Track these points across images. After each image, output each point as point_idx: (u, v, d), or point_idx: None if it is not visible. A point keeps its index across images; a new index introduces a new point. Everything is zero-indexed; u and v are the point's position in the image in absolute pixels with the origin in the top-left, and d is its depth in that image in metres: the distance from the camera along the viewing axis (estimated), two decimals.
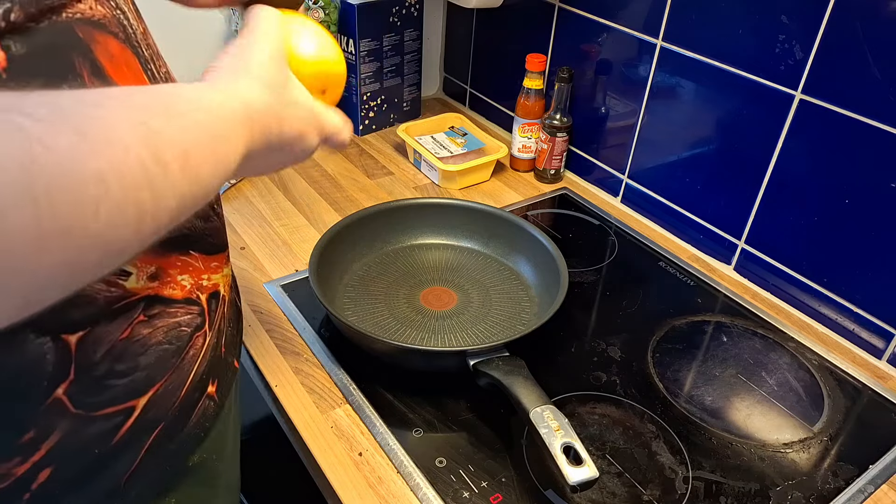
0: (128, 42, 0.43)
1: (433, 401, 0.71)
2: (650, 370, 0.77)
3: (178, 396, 0.48)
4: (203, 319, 0.49)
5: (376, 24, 1.15)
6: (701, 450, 0.68)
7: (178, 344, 0.47)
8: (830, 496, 0.64)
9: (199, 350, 0.49)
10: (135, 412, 0.44)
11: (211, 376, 0.52)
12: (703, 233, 0.96)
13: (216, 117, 0.36)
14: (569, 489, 0.57)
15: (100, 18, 0.40)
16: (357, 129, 1.23)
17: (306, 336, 0.78)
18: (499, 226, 0.90)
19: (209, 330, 0.50)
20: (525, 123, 1.11)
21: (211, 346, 0.51)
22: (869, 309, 0.80)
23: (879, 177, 0.74)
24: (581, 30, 1.05)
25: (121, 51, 0.42)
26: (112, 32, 0.41)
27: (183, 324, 0.47)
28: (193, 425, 0.50)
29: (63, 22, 0.38)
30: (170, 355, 0.46)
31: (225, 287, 0.54)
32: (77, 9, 0.39)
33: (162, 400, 0.46)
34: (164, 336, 0.45)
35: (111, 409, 0.42)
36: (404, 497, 0.62)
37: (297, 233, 0.96)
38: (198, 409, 0.50)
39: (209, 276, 0.51)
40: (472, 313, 0.82)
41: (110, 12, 0.41)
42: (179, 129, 0.32)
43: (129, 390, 0.43)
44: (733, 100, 0.86)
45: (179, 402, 0.48)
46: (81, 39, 0.39)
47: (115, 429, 0.43)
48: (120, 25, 0.42)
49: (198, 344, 0.49)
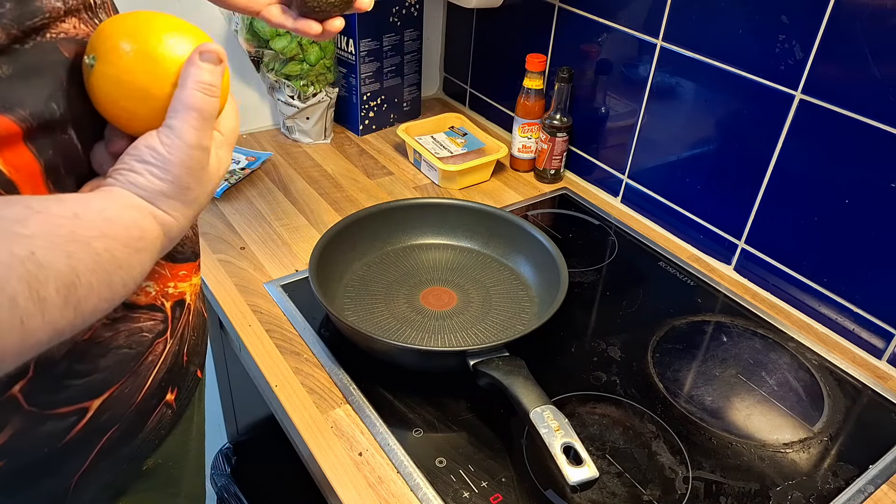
0: None
1: (433, 401, 0.71)
2: (650, 370, 0.77)
3: (135, 401, 0.48)
4: (165, 326, 0.49)
5: (376, 24, 1.15)
6: (701, 450, 0.68)
7: (139, 349, 0.47)
8: (830, 496, 0.64)
9: (158, 356, 0.49)
10: (88, 413, 0.44)
11: (171, 384, 0.52)
12: (703, 233, 0.96)
13: (122, 245, 0.35)
14: (569, 489, 0.57)
15: (83, 37, 0.41)
16: (357, 129, 1.23)
17: (306, 336, 0.78)
18: (499, 226, 0.90)
19: (171, 337, 0.50)
20: (525, 123, 1.11)
21: (172, 354, 0.51)
22: (869, 309, 0.80)
23: (879, 177, 0.74)
24: (581, 30, 1.05)
25: None
26: None
27: (145, 329, 0.47)
28: (149, 431, 0.50)
29: (48, 42, 0.38)
30: (129, 359, 0.46)
31: (192, 296, 0.54)
32: (61, 28, 0.39)
33: (117, 403, 0.46)
34: (125, 340, 0.46)
35: (65, 408, 0.42)
36: (404, 497, 0.62)
37: (297, 233, 0.96)
38: (155, 414, 0.51)
39: (176, 284, 0.51)
40: (472, 313, 0.82)
41: (91, 30, 0.42)
42: (69, 261, 0.32)
43: (85, 391, 0.43)
44: (733, 100, 0.86)
45: (136, 406, 0.48)
46: (67, 58, 0.39)
47: (67, 428, 0.43)
48: None
49: (158, 350, 0.49)
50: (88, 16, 0.42)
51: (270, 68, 1.11)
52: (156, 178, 0.39)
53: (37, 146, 0.38)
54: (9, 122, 0.36)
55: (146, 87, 0.40)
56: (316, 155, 1.16)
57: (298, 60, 1.09)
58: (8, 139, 0.36)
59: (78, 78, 0.40)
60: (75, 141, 0.41)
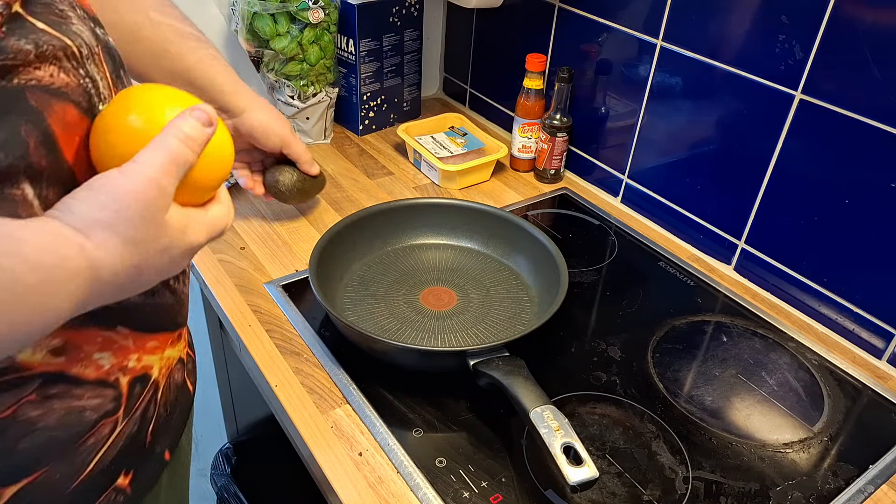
0: (90, 112, 0.41)
1: (433, 401, 0.71)
2: (650, 370, 0.77)
3: (68, 487, 0.43)
4: (118, 405, 0.45)
5: (376, 24, 1.15)
6: (701, 450, 0.68)
7: (77, 429, 0.43)
8: (830, 496, 0.64)
9: (104, 438, 0.44)
10: None
11: (124, 466, 0.47)
12: (703, 233, 0.96)
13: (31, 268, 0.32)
14: (569, 489, 0.57)
15: (61, 87, 0.38)
16: (357, 129, 1.23)
17: (306, 336, 0.78)
18: (499, 226, 0.90)
19: (124, 417, 0.46)
20: (525, 123, 1.11)
21: (126, 435, 0.46)
22: (869, 309, 0.80)
23: (879, 177, 0.74)
24: (581, 30, 1.05)
25: (79, 120, 0.40)
26: (74, 101, 0.39)
27: (88, 408, 0.43)
28: None
29: (13, 87, 0.36)
30: (60, 442, 0.42)
31: (161, 370, 0.50)
32: (33, 75, 0.37)
33: (41, 490, 0.41)
34: (59, 420, 0.41)
35: None
36: (404, 497, 0.62)
37: (297, 233, 0.96)
38: (100, 500, 0.46)
39: (140, 356, 0.46)
40: (472, 313, 0.82)
41: (76, 80, 0.39)
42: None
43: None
44: (733, 100, 0.86)
45: (70, 492, 0.43)
46: (33, 107, 0.37)
47: None
48: (85, 94, 0.40)
49: (104, 431, 0.44)
50: (72, 65, 0.39)
51: (270, 68, 1.11)
52: (95, 206, 0.36)
53: None
54: None
55: None
56: (316, 155, 1.16)
57: (298, 60, 1.09)
58: None
59: (46, 131, 0.37)
60: (30, 198, 0.37)
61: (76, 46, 0.40)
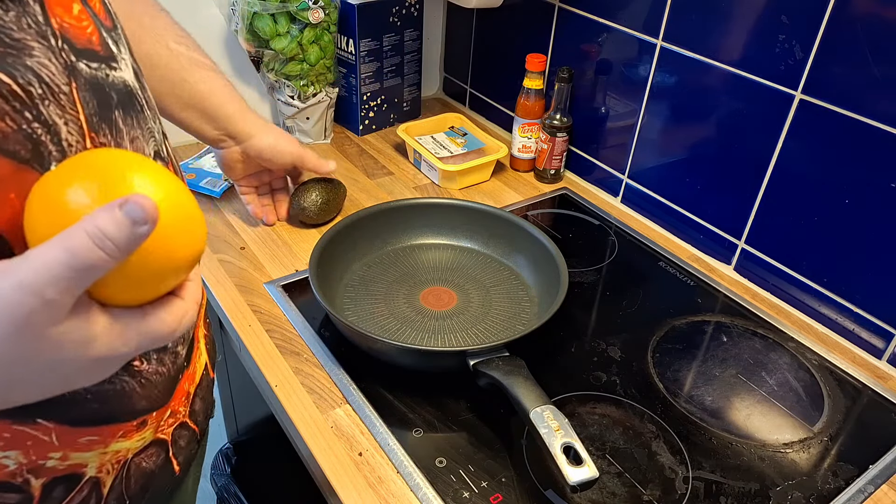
0: (36, 162, 0.34)
1: (433, 401, 0.71)
2: (650, 370, 0.77)
3: None
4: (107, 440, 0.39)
5: (376, 24, 1.15)
6: (701, 450, 0.68)
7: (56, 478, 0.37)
8: (830, 496, 0.64)
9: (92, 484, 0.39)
10: None
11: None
12: (703, 233, 0.96)
13: None
14: (569, 489, 0.57)
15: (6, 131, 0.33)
16: (357, 129, 1.23)
17: (306, 336, 0.78)
18: (499, 226, 0.90)
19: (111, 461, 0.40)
20: (525, 123, 1.11)
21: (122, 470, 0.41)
22: (869, 309, 0.80)
23: (879, 177, 0.74)
24: (581, 30, 1.05)
25: (11, 173, 0.33)
26: (8, 150, 0.33)
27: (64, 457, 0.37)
28: None
29: None
30: None
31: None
32: None
33: None
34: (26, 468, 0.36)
35: None
36: (404, 497, 0.62)
37: (297, 233, 0.96)
38: None
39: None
40: (472, 313, 0.82)
41: (14, 125, 0.33)
42: None
43: None
44: (733, 100, 0.87)
45: None
46: None
47: None
48: (28, 141, 0.34)
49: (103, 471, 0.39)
50: (12, 108, 0.33)
51: (270, 68, 1.11)
52: None
53: None
54: None
55: None
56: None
57: (298, 60, 1.09)
58: None
59: None
60: None
61: (21, 85, 0.33)
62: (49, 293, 0.29)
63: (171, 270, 0.33)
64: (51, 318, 0.30)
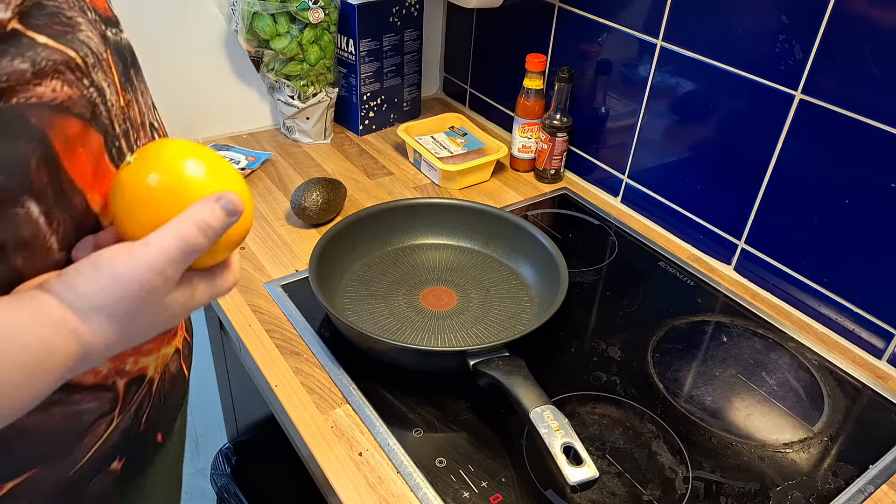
0: (94, 121, 0.40)
1: (433, 401, 0.71)
2: (650, 370, 0.77)
3: (62, 480, 0.44)
4: (114, 406, 0.46)
5: (376, 24, 1.15)
6: (701, 450, 0.68)
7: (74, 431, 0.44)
8: (830, 496, 0.64)
9: (99, 436, 0.46)
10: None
11: (117, 454, 0.49)
12: (703, 233, 0.96)
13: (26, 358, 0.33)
14: (569, 489, 0.57)
15: (63, 101, 0.38)
16: (357, 129, 1.23)
17: (306, 336, 0.78)
18: (499, 226, 0.90)
19: (119, 415, 0.47)
20: (525, 123, 1.11)
21: (120, 430, 0.48)
22: (869, 309, 0.80)
23: (879, 177, 0.74)
24: (581, 30, 1.05)
25: (81, 132, 0.39)
26: (76, 114, 0.39)
27: (86, 411, 0.44)
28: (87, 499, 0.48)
29: (12, 107, 0.35)
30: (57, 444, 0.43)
31: (157, 368, 0.51)
32: (33, 92, 0.36)
33: (35, 485, 0.43)
34: (56, 425, 0.42)
35: None
36: (404, 497, 0.62)
37: (297, 233, 0.96)
38: (93, 483, 0.47)
39: (137, 359, 0.48)
40: (472, 313, 0.82)
41: (79, 92, 0.39)
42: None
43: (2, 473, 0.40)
44: (733, 100, 0.86)
45: (63, 484, 0.45)
46: (34, 125, 0.36)
47: None
48: (89, 104, 0.40)
49: (99, 430, 0.45)
50: (76, 77, 0.38)
51: (270, 68, 1.11)
52: (97, 288, 0.36)
53: None
54: None
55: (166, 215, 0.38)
56: (316, 155, 1.16)
57: (298, 60, 1.09)
58: None
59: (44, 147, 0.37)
60: (35, 215, 0.37)
61: (81, 57, 0.39)
62: (168, 272, 0.37)
63: (234, 243, 0.42)
64: (167, 289, 0.38)
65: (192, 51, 1.11)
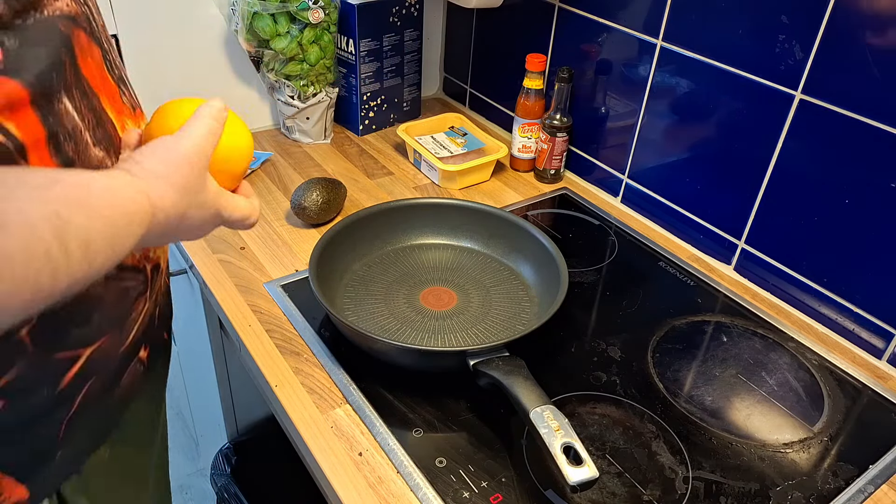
0: (93, 35, 0.47)
1: (433, 401, 0.71)
2: (650, 370, 0.77)
3: (117, 353, 0.52)
4: (145, 287, 0.54)
5: (376, 24, 1.15)
6: (701, 450, 0.68)
7: (124, 306, 0.52)
8: (830, 496, 0.64)
9: (139, 314, 0.54)
10: (80, 360, 0.48)
11: (144, 342, 0.57)
12: (703, 233, 0.96)
13: (122, 213, 0.39)
14: (569, 489, 0.57)
15: (74, 14, 0.45)
16: (357, 129, 1.23)
17: (306, 336, 0.78)
18: (499, 226, 0.90)
19: (149, 297, 0.56)
20: (525, 123, 1.11)
21: (148, 314, 0.56)
22: (869, 309, 0.80)
23: (879, 177, 0.74)
24: (581, 30, 1.05)
25: (88, 43, 0.47)
26: (82, 26, 0.46)
27: (130, 288, 0.52)
28: (126, 383, 0.56)
29: (47, 18, 0.42)
30: (116, 315, 0.51)
31: (164, 261, 0.60)
32: (56, 6, 0.43)
33: (103, 354, 0.50)
34: (114, 297, 0.51)
35: (62, 353, 0.47)
36: (404, 497, 0.62)
37: (297, 233, 0.96)
38: (130, 368, 0.56)
39: (154, 249, 0.56)
40: (472, 313, 0.82)
41: (80, 8, 0.46)
42: (86, 221, 0.36)
43: (80, 339, 0.48)
44: (733, 100, 0.86)
45: (118, 358, 0.53)
46: (63, 33, 0.43)
47: (62, 373, 0.47)
48: (87, 20, 0.47)
49: (139, 308, 0.54)
50: None
51: (270, 68, 1.11)
52: (156, 161, 0.44)
53: (41, 113, 0.42)
54: (18, 86, 0.40)
55: None
56: (316, 155, 1.16)
57: (298, 60, 1.09)
58: (18, 103, 0.40)
59: (69, 52, 0.44)
60: (70, 110, 0.44)
61: None
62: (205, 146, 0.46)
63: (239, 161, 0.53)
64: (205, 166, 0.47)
65: (192, 51, 1.11)
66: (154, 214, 0.42)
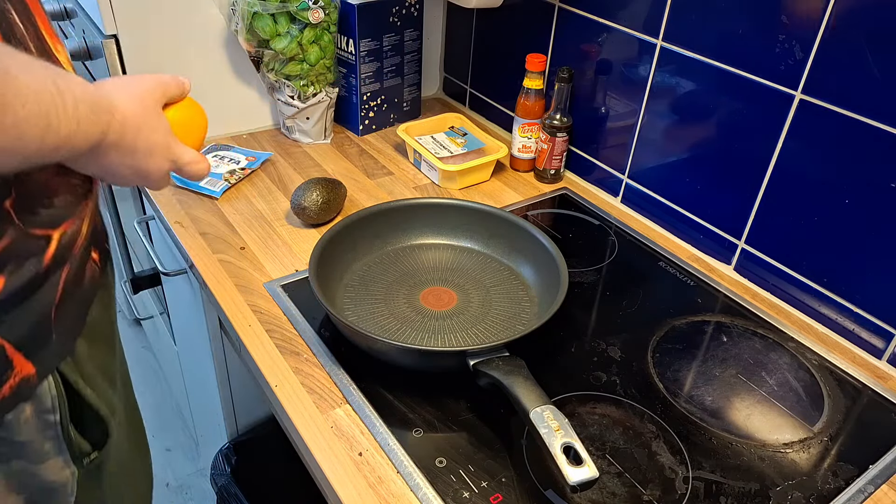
0: None
1: (433, 401, 0.71)
2: (650, 370, 0.77)
3: (77, 245, 0.56)
4: (87, 191, 0.59)
5: (376, 24, 1.15)
6: (701, 450, 0.68)
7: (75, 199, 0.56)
8: (830, 496, 0.64)
9: (86, 212, 0.58)
10: (52, 242, 0.52)
11: (93, 244, 0.61)
12: (703, 233, 0.96)
13: (90, 98, 0.47)
14: (569, 489, 0.57)
15: None
16: (357, 129, 1.23)
17: (306, 336, 0.78)
18: (499, 226, 0.90)
19: (91, 202, 0.60)
20: (525, 123, 1.11)
21: (92, 216, 0.60)
22: (869, 309, 0.80)
23: (879, 177, 0.74)
24: (581, 30, 1.05)
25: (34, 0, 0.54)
26: None
27: (77, 185, 0.57)
28: (88, 280, 0.59)
29: None
30: (70, 204, 0.55)
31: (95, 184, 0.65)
32: None
33: (69, 240, 0.55)
34: (66, 190, 0.55)
35: (38, 230, 0.51)
36: (404, 497, 0.62)
37: (297, 233, 0.96)
38: (87, 267, 0.60)
39: None
40: (472, 313, 0.82)
41: None
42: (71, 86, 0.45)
43: (48, 221, 0.52)
44: (733, 100, 0.87)
45: (79, 250, 0.57)
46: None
47: (42, 251, 0.51)
48: None
49: (86, 207, 0.58)
50: None
51: (270, 68, 1.10)
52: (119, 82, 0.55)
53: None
54: None
55: None
56: (316, 155, 1.16)
57: (298, 60, 1.09)
58: None
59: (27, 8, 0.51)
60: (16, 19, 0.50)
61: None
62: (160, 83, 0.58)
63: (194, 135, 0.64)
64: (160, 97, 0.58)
65: (192, 51, 1.11)
66: (112, 113, 0.50)
